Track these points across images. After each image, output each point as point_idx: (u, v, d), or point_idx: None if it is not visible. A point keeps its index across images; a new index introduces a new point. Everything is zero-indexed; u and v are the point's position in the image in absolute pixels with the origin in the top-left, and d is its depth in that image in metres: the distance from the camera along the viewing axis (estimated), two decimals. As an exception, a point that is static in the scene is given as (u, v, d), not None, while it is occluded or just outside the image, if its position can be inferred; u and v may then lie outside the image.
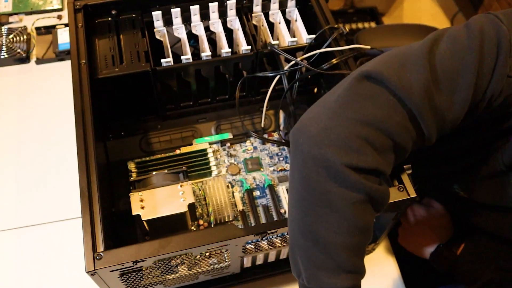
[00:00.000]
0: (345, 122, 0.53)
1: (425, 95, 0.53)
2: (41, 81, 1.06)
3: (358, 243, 0.54)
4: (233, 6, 0.86)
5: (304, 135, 0.54)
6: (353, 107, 0.53)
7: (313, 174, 0.53)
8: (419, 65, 0.54)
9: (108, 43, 0.84)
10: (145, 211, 0.71)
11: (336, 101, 0.55)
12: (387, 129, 0.53)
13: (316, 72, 0.79)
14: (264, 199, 0.85)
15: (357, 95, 0.54)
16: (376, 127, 0.53)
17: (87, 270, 0.58)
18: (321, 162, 0.52)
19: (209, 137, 0.91)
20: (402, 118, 0.53)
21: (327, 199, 0.52)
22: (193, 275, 0.71)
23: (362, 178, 0.52)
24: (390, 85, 0.53)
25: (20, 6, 1.16)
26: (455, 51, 0.55)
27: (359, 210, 0.53)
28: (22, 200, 0.90)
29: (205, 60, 0.83)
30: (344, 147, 0.52)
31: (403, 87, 0.53)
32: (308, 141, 0.53)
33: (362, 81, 0.54)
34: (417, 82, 0.53)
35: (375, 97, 0.53)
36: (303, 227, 0.54)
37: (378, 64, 0.55)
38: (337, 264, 0.53)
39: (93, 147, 0.67)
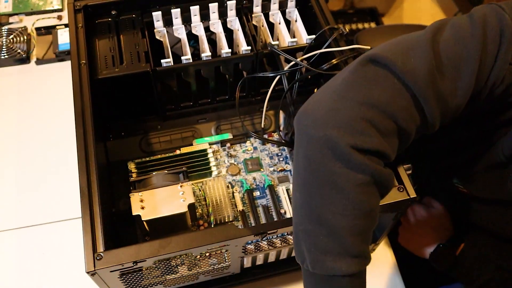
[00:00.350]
0: (350, 104, 0.53)
1: (429, 80, 0.53)
2: (41, 82, 1.06)
3: (364, 227, 0.53)
4: (233, 6, 0.86)
5: (309, 117, 0.54)
6: (358, 90, 0.54)
7: (318, 156, 0.53)
8: (423, 51, 0.54)
9: (108, 43, 0.84)
10: (145, 211, 0.71)
11: (341, 84, 0.55)
12: (392, 112, 0.53)
13: (316, 72, 0.79)
14: (264, 199, 0.85)
15: (362, 78, 0.54)
16: (381, 110, 0.53)
17: (87, 270, 0.58)
18: (326, 143, 0.52)
19: (209, 137, 0.91)
20: (407, 102, 0.54)
21: (332, 181, 0.52)
22: (193, 275, 0.72)
23: (366, 159, 0.52)
24: (395, 69, 0.53)
25: (20, 7, 1.16)
26: (459, 38, 0.56)
27: (364, 192, 0.52)
28: (22, 200, 0.90)
29: (205, 60, 0.83)
30: (349, 128, 0.52)
31: (407, 71, 0.53)
32: (313, 123, 0.54)
33: (367, 64, 0.55)
34: (421, 67, 0.53)
35: (380, 81, 0.54)
36: (308, 210, 0.54)
37: (383, 49, 0.56)
38: (343, 248, 0.53)
39: (93, 147, 0.67)
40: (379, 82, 0.54)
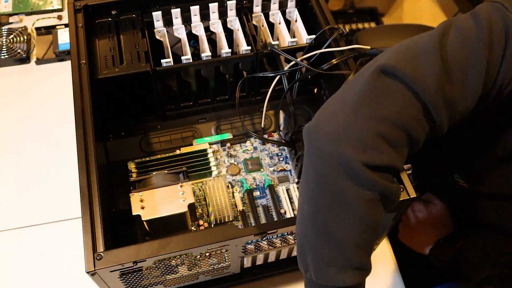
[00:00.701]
0: (362, 120, 0.53)
1: (438, 87, 0.54)
2: (41, 82, 1.06)
3: (368, 240, 0.54)
4: (233, 6, 0.86)
5: (321, 131, 0.54)
6: (369, 104, 0.54)
7: (329, 172, 0.53)
8: (431, 57, 0.54)
9: (108, 43, 0.84)
10: (145, 211, 0.71)
11: (353, 98, 0.55)
12: (403, 124, 0.53)
13: (316, 72, 0.79)
14: (264, 199, 0.85)
15: (373, 91, 0.54)
16: (392, 123, 0.53)
17: (87, 270, 0.58)
18: (338, 159, 0.52)
19: (209, 137, 0.91)
20: (417, 111, 0.54)
21: (341, 197, 0.53)
22: (193, 275, 0.72)
23: (377, 176, 0.52)
24: (405, 78, 0.54)
25: (20, 7, 1.16)
26: (465, 41, 0.56)
27: (372, 208, 0.53)
28: (22, 200, 0.90)
29: (205, 60, 0.83)
30: (361, 145, 0.52)
31: (417, 80, 0.53)
32: (324, 138, 0.54)
33: (378, 76, 0.55)
34: (431, 74, 0.54)
35: (390, 93, 0.54)
36: (314, 223, 0.55)
37: (393, 57, 0.56)
38: (347, 261, 0.54)
39: (93, 147, 0.67)
40: (390, 94, 0.54)
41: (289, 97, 0.83)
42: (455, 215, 0.88)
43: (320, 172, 0.54)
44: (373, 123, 0.53)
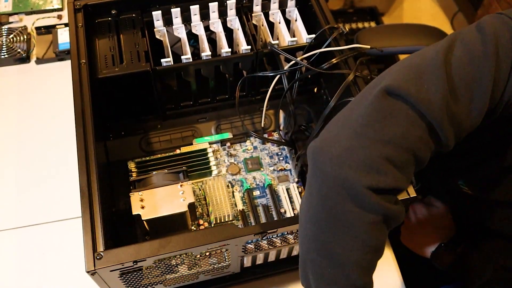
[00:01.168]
0: (367, 143, 0.53)
1: (443, 106, 0.53)
2: (41, 81, 1.06)
3: (370, 261, 0.54)
4: (233, 6, 0.86)
5: (325, 154, 0.54)
6: (374, 127, 0.53)
7: (333, 194, 0.53)
8: (436, 75, 0.54)
9: (108, 43, 0.84)
10: (145, 210, 0.71)
11: (357, 120, 0.55)
12: (408, 145, 0.53)
13: (316, 71, 0.79)
14: (264, 198, 0.85)
15: (377, 113, 0.54)
16: (397, 145, 0.53)
17: (87, 270, 0.58)
18: (342, 183, 0.52)
19: (209, 136, 0.91)
20: (422, 132, 0.54)
21: (345, 220, 0.53)
22: (193, 275, 0.71)
23: (381, 199, 0.52)
24: (409, 98, 0.53)
25: (20, 6, 1.16)
26: (471, 58, 0.55)
27: (375, 230, 0.53)
28: (22, 200, 0.90)
29: (205, 60, 0.83)
30: (366, 168, 0.52)
31: (422, 100, 0.53)
32: (329, 161, 0.54)
33: (383, 97, 0.55)
34: (436, 93, 0.53)
35: (395, 114, 0.54)
36: (317, 243, 0.55)
37: (397, 78, 0.55)
38: (349, 281, 0.54)
39: (93, 147, 0.67)
40: (394, 115, 0.54)
41: (289, 97, 0.83)
42: (457, 218, 0.88)
43: (323, 194, 0.54)
44: (378, 146, 0.53)
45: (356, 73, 0.77)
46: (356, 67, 0.78)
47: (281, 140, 0.89)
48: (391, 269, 0.85)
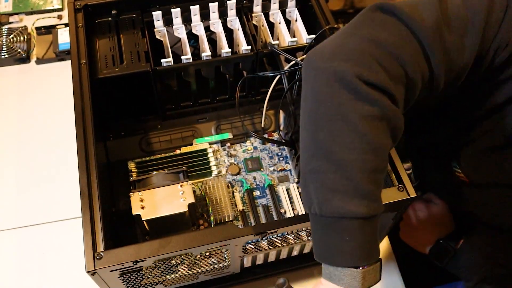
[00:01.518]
0: (358, 40, 0.54)
1: (436, 31, 0.54)
2: (41, 81, 1.06)
3: (372, 164, 0.52)
4: (233, 6, 0.86)
5: (317, 53, 0.55)
6: (366, 28, 0.55)
7: (325, 88, 0.52)
8: (431, 5, 0.56)
9: (108, 43, 0.84)
10: (145, 211, 0.71)
11: (349, 25, 0.56)
12: (400, 55, 0.53)
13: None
14: (264, 199, 0.85)
15: (370, 21, 0.55)
16: (388, 51, 0.53)
17: (87, 270, 0.58)
18: (333, 74, 0.52)
19: (209, 137, 0.91)
20: (414, 50, 0.54)
21: (339, 112, 0.51)
22: (193, 275, 0.71)
23: (374, 91, 0.51)
24: (402, 16, 0.54)
25: (21, 6, 1.16)
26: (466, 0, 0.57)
27: (373, 127, 0.51)
28: (22, 200, 0.90)
29: (205, 60, 0.83)
30: (357, 61, 0.52)
31: (415, 19, 0.54)
32: (321, 58, 0.54)
33: (376, 11, 0.56)
34: (429, 18, 0.55)
35: (387, 26, 0.55)
36: (315, 146, 0.53)
37: (390, 1, 0.57)
38: (351, 185, 0.50)
39: (93, 147, 0.67)
40: (387, 27, 0.54)
41: (289, 97, 0.83)
42: (455, 213, 0.88)
43: (316, 90, 0.53)
44: (369, 44, 0.53)
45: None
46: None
47: (281, 140, 0.89)
48: (391, 269, 0.85)
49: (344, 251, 0.52)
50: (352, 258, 0.52)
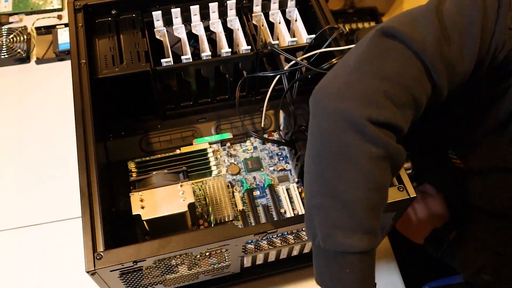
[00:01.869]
0: (364, 77, 0.55)
1: (436, 47, 0.55)
2: (41, 81, 1.06)
3: (375, 201, 0.54)
4: (233, 6, 0.86)
5: (325, 91, 0.56)
6: (371, 63, 0.56)
7: (333, 127, 0.54)
8: (429, 20, 0.57)
9: (108, 43, 0.84)
10: (145, 211, 0.71)
11: (355, 59, 0.57)
12: (404, 83, 0.54)
13: (316, 72, 0.79)
14: (264, 199, 0.85)
15: (374, 51, 0.56)
16: (394, 81, 0.54)
17: (87, 270, 0.58)
18: (342, 115, 0.53)
19: (209, 137, 0.91)
20: (417, 71, 0.56)
21: (346, 153, 0.53)
22: (193, 275, 0.72)
23: (381, 132, 0.53)
24: (404, 38, 0.55)
25: (20, 6, 1.16)
26: (461, 7, 0.59)
27: (378, 166, 0.53)
28: (22, 200, 0.90)
29: (205, 60, 0.83)
30: (365, 100, 0.53)
31: (416, 40, 0.55)
32: (329, 97, 0.55)
33: (379, 37, 0.57)
34: (429, 35, 0.56)
35: (391, 52, 0.56)
36: (321, 183, 0.55)
37: (392, 21, 0.59)
38: (354, 222, 0.53)
39: (93, 147, 0.67)
40: (390, 53, 0.56)
41: (289, 97, 0.83)
42: (451, 203, 0.89)
43: (324, 129, 0.54)
44: (376, 80, 0.54)
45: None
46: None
47: (281, 140, 0.89)
48: (391, 269, 0.85)
49: (345, 283, 0.56)
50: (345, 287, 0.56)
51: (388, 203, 0.65)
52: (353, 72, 0.55)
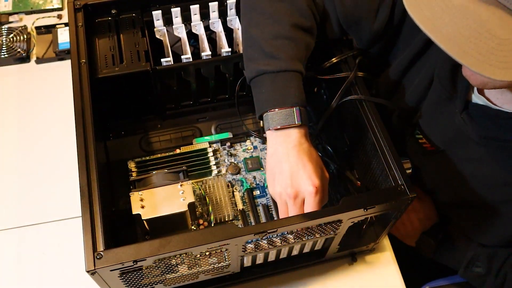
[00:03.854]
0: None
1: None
2: (41, 81, 1.06)
3: (273, 33, 0.70)
4: (233, 5, 0.86)
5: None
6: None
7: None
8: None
9: (108, 42, 0.84)
10: (145, 210, 0.71)
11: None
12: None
13: (316, 71, 0.79)
14: (264, 198, 0.85)
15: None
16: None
17: (87, 270, 0.58)
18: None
19: (209, 136, 0.91)
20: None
21: (254, 5, 0.73)
22: (193, 274, 0.71)
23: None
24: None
25: (20, 6, 1.16)
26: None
27: (272, 6, 0.72)
28: (22, 199, 0.90)
29: (205, 59, 0.83)
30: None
31: None
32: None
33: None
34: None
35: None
36: (244, 34, 0.75)
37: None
38: (259, 51, 0.70)
39: (93, 146, 0.67)
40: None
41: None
42: (437, 204, 0.89)
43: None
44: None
45: (357, 74, 0.78)
46: (356, 68, 0.78)
47: (281, 139, 0.88)
48: (391, 269, 0.85)
49: (261, 101, 0.70)
50: (264, 104, 0.70)
51: (388, 203, 0.65)
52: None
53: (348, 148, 0.85)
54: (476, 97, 0.71)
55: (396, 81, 0.83)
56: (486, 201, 0.77)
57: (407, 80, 0.82)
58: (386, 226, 0.75)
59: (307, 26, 0.74)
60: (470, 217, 0.82)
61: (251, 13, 0.73)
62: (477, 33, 0.52)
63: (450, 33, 0.53)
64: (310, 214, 0.66)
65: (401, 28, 0.78)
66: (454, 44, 0.52)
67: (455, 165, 0.78)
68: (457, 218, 0.85)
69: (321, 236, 0.70)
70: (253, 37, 0.71)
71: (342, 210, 0.64)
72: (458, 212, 0.85)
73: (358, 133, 0.78)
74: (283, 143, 0.69)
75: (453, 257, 0.85)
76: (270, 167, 0.70)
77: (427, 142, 0.81)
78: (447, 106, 0.75)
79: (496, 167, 0.73)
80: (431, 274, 0.97)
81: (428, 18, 0.54)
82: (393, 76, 0.83)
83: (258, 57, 0.70)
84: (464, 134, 0.73)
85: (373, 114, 0.74)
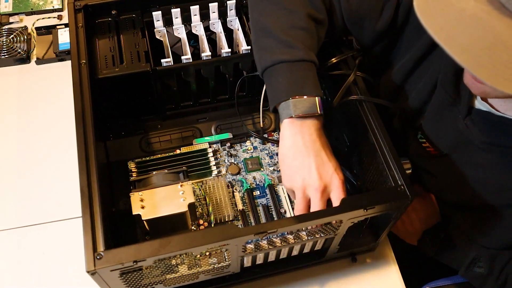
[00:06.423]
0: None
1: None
2: (42, 81, 1.06)
3: (287, 23, 0.70)
4: (233, 6, 0.87)
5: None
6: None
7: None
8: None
9: (108, 43, 0.84)
10: (145, 210, 0.71)
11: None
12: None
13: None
14: (264, 198, 0.85)
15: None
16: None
17: (87, 270, 0.58)
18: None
19: (209, 137, 0.91)
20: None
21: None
22: (193, 275, 0.72)
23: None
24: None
25: (21, 7, 1.16)
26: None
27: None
28: (22, 199, 0.90)
29: (205, 60, 0.83)
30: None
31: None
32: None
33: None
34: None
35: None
36: (255, 25, 0.73)
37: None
38: (275, 41, 0.69)
39: (93, 147, 0.67)
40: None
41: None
42: (440, 203, 0.89)
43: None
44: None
45: (357, 73, 0.78)
46: (356, 68, 0.78)
47: (281, 140, 0.89)
48: (391, 269, 0.85)
49: (279, 89, 0.69)
50: (283, 93, 0.68)
51: (388, 203, 0.65)
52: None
53: (348, 148, 0.85)
54: (479, 103, 0.70)
55: (398, 84, 0.83)
56: (489, 205, 0.76)
57: (410, 84, 0.81)
58: (386, 226, 0.75)
59: (320, 18, 0.74)
60: (473, 220, 0.82)
61: (262, 2, 0.73)
62: (491, 45, 0.50)
63: (464, 44, 0.51)
64: (310, 214, 0.66)
65: (403, 30, 0.77)
66: (468, 56, 0.51)
67: (458, 169, 0.77)
68: (460, 221, 0.85)
69: (321, 236, 0.70)
70: (267, 27, 0.70)
71: (342, 210, 0.64)
72: (461, 215, 0.84)
73: (358, 133, 0.78)
74: (303, 134, 0.67)
75: (455, 256, 0.85)
76: (287, 160, 0.68)
77: (430, 145, 0.81)
78: (451, 111, 0.74)
79: (500, 172, 0.72)
80: (431, 274, 0.97)
81: (441, 27, 0.52)
82: (395, 79, 0.83)
83: (273, 46, 0.69)
84: (468, 139, 0.72)
85: (373, 115, 0.74)
